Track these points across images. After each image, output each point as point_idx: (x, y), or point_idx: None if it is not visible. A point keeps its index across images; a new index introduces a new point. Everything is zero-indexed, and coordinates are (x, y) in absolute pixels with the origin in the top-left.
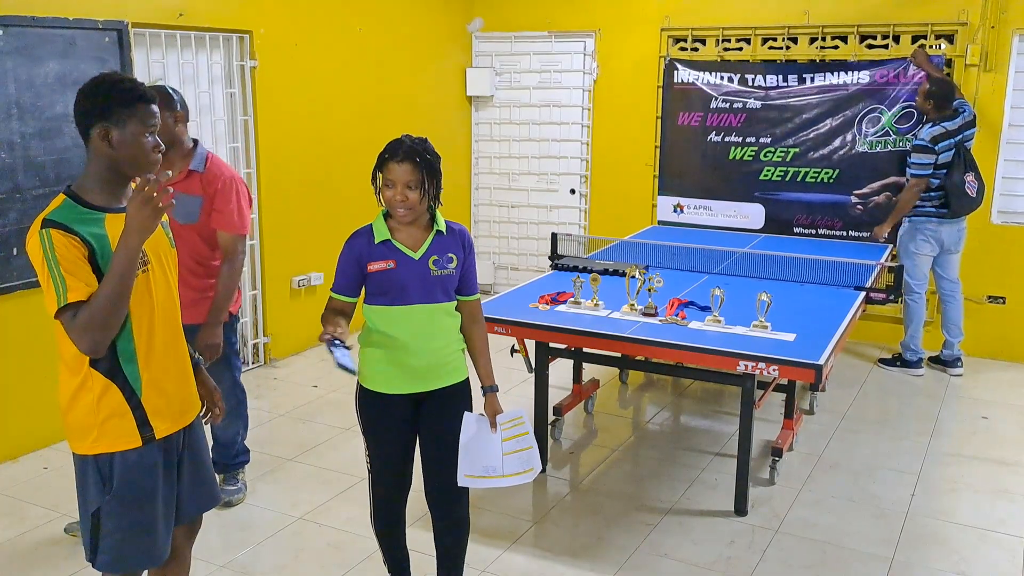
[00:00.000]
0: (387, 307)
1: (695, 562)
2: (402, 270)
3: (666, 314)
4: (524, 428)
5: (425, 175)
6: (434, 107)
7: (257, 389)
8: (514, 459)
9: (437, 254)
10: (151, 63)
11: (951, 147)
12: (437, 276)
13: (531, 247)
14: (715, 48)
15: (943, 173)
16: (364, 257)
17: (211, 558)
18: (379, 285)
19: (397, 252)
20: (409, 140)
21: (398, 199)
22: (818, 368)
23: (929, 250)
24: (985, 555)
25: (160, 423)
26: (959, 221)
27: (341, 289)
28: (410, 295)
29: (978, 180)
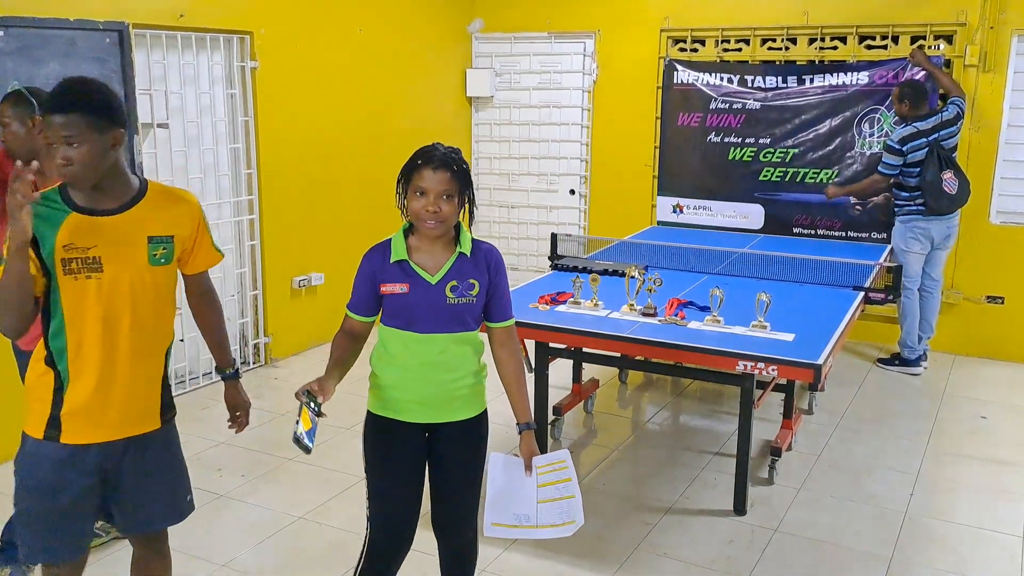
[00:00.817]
0: (400, 331)
1: (694, 561)
2: (415, 295)
3: (665, 314)
4: (567, 474)
5: (464, 187)
6: (434, 108)
7: (257, 389)
8: (551, 508)
9: (456, 279)
10: (152, 64)
11: (923, 147)
12: (454, 304)
13: (531, 247)
14: (714, 49)
15: (917, 172)
16: (378, 276)
17: (211, 557)
18: (391, 308)
19: (413, 275)
20: (443, 147)
21: (431, 210)
22: (817, 368)
23: (920, 248)
24: (984, 555)
25: (78, 426)
26: (949, 218)
27: (356, 307)
28: (421, 323)
29: (959, 177)
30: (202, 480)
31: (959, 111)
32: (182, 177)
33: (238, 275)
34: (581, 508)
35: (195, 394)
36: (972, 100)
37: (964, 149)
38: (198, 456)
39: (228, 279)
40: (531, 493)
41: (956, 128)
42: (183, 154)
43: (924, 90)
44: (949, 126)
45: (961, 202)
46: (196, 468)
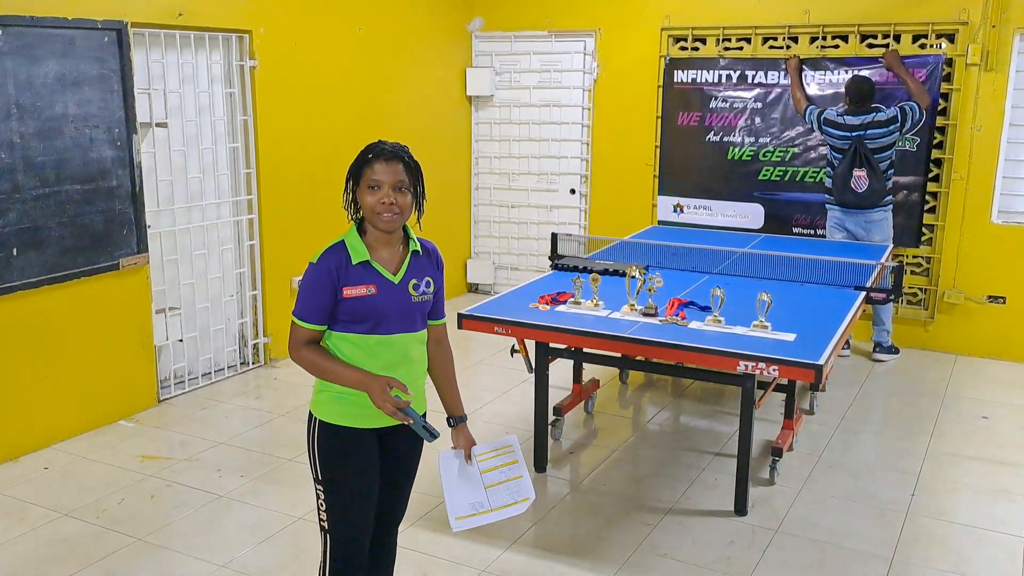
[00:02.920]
0: (363, 336)
1: (695, 562)
2: (383, 296)
3: (666, 314)
4: (513, 457)
5: (417, 178)
6: (434, 107)
7: (257, 389)
8: (500, 490)
9: (416, 277)
10: (150, 63)
11: (842, 139)
12: (418, 303)
13: (531, 247)
14: (715, 48)
15: (839, 159)
16: (340, 280)
17: (211, 558)
18: (355, 312)
19: (377, 276)
20: (392, 143)
21: (387, 203)
22: (818, 368)
23: (841, 236)
24: (985, 555)
25: None
26: (863, 213)
27: (313, 316)
28: (391, 324)
29: (873, 179)
30: (202, 481)
31: (897, 114)
32: (181, 177)
33: (237, 275)
34: (531, 486)
35: (194, 394)
36: (974, 99)
37: (965, 148)
38: (198, 456)
39: (227, 279)
40: (477, 480)
41: (887, 130)
42: (182, 153)
43: (866, 91)
44: (879, 127)
45: (870, 201)
46: (196, 468)
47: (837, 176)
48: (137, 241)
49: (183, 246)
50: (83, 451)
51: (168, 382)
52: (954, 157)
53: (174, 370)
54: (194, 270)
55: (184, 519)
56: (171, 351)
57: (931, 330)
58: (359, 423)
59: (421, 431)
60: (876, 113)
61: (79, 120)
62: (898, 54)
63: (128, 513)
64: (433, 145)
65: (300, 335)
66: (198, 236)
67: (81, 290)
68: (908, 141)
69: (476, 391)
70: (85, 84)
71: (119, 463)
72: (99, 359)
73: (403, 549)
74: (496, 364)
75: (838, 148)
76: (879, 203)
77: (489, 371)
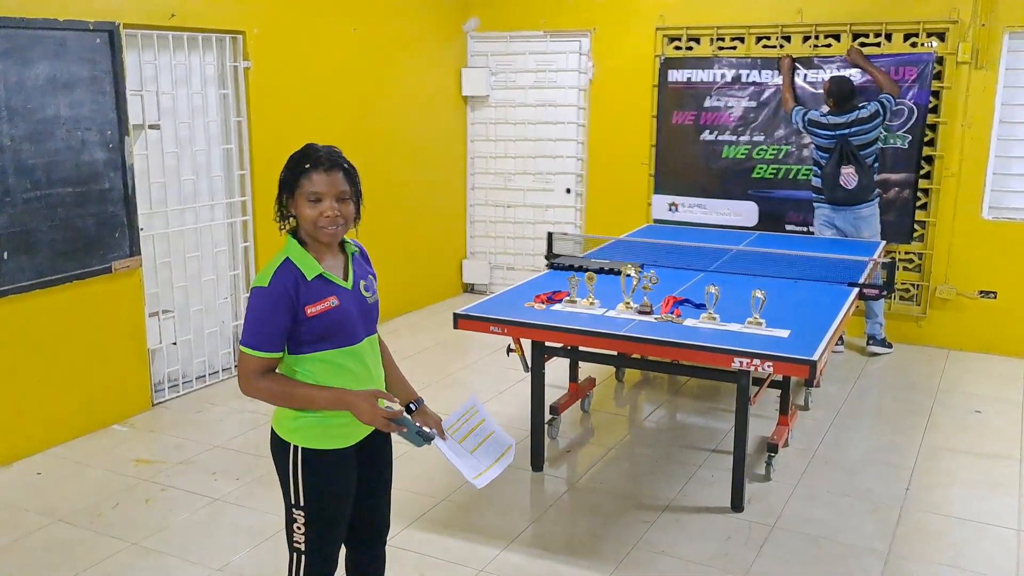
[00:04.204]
0: (331, 351)
1: (692, 558)
2: (345, 306)
3: (661, 312)
4: (479, 417)
5: (357, 186)
6: (430, 107)
7: None
8: (483, 451)
9: (362, 279)
10: (143, 64)
11: (828, 138)
12: (372, 303)
13: (527, 247)
14: (710, 47)
15: (826, 158)
16: (301, 299)
17: (207, 561)
18: (320, 330)
19: (333, 286)
20: (324, 147)
21: (330, 215)
22: (812, 364)
23: (831, 234)
24: (981, 548)
25: None
26: (852, 209)
27: (268, 344)
28: (356, 332)
29: (862, 174)
30: (197, 484)
31: (878, 109)
32: (174, 179)
33: (231, 277)
34: (506, 435)
35: (188, 398)
36: (965, 96)
37: (956, 145)
38: (193, 460)
39: (221, 281)
40: (463, 450)
41: (871, 126)
42: (175, 155)
43: (848, 90)
44: (863, 123)
45: (860, 198)
46: (191, 472)
47: (826, 174)
48: (130, 244)
49: (176, 248)
50: (77, 456)
51: (162, 385)
52: (945, 154)
53: (168, 373)
54: (187, 272)
55: (179, 523)
56: (165, 354)
57: (923, 325)
58: (342, 443)
59: (415, 438)
60: (859, 111)
61: (71, 122)
62: (860, 50)
63: (123, 517)
64: (429, 145)
65: (253, 366)
66: (191, 238)
67: (73, 294)
68: (899, 139)
69: (472, 391)
70: (77, 86)
71: (113, 467)
72: (92, 363)
73: (400, 550)
74: (492, 364)
75: (824, 147)
76: (868, 198)
77: (485, 371)
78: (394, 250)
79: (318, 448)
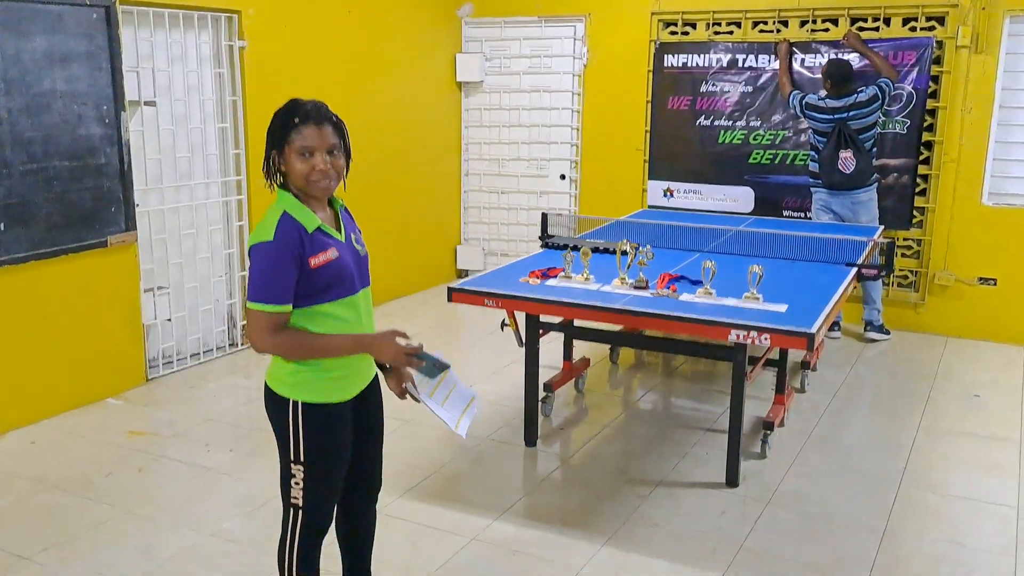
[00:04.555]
0: (332, 303)
1: (687, 532)
2: (344, 257)
3: (657, 287)
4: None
5: (346, 139)
6: (423, 92)
7: (246, 369)
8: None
9: (352, 232)
10: (139, 41)
11: (825, 122)
12: (364, 255)
13: (521, 233)
14: (705, 32)
15: (823, 142)
16: (305, 252)
17: (199, 528)
18: (322, 282)
19: (331, 239)
20: (310, 101)
21: (322, 169)
22: (810, 336)
23: (828, 218)
24: (978, 525)
25: None
26: (850, 194)
27: (278, 297)
28: (355, 282)
29: (860, 159)
30: (190, 455)
31: (877, 93)
32: (170, 156)
33: (226, 255)
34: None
35: (182, 374)
36: (964, 81)
37: (956, 130)
38: (186, 432)
39: (216, 260)
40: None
41: (869, 110)
42: (171, 133)
43: (845, 73)
44: (861, 107)
45: (858, 182)
46: (184, 443)
47: (823, 159)
48: (125, 219)
49: (172, 225)
50: (70, 427)
51: (156, 362)
52: (944, 140)
53: (162, 349)
54: (183, 250)
55: (172, 491)
56: (159, 330)
57: (922, 312)
58: (341, 396)
59: (432, 371)
60: (857, 95)
61: (67, 96)
62: (858, 34)
63: (115, 485)
64: (422, 131)
65: (268, 322)
66: (187, 216)
67: (69, 267)
68: (898, 123)
69: (466, 370)
70: (73, 60)
71: (106, 438)
72: (87, 336)
73: (392, 519)
74: (486, 346)
75: (822, 132)
76: (866, 183)
77: (479, 352)
78: (388, 235)
79: (319, 402)
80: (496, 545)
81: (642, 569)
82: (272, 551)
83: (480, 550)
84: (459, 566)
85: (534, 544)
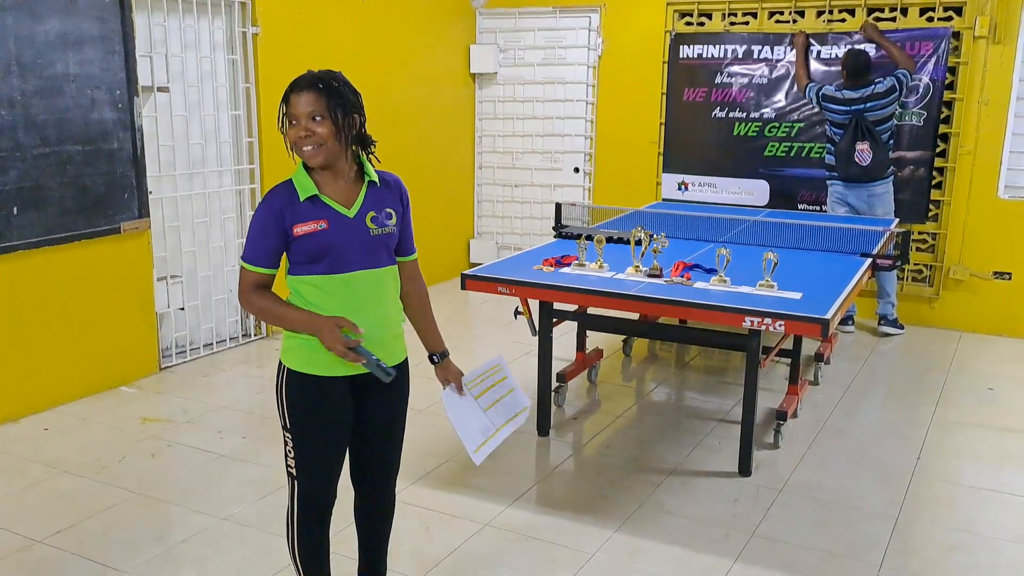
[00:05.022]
0: (321, 276)
1: (700, 518)
2: (336, 231)
3: (671, 275)
4: (501, 374)
5: (335, 105)
6: (437, 84)
7: (259, 359)
8: (497, 409)
9: (374, 209)
10: (152, 26)
11: (842, 113)
12: (378, 236)
13: (535, 226)
14: (721, 22)
15: (840, 134)
16: (288, 217)
17: (213, 512)
18: (308, 252)
19: (328, 210)
20: (315, 71)
21: (302, 135)
22: (825, 323)
23: (844, 211)
24: (991, 514)
25: None
26: (866, 187)
27: (260, 259)
28: (349, 260)
29: (877, 151)
30: (203, 441)
31: (895, 84)
32: (183, 143)
33: (239, 245)
34: (524, 395)
35: (196, 363)
36: (982, 72)
37: (972, 122)
38: (199, 419)
39: (229, 248)
40: (476, 407)
41: (887, 101)
42: (183, 119)
43: (863, 64)
44: (879, 99)
45: (876, 175)
46: (197, 430)
47: (840, 151)
48: (139, 205)
49: (185, 213)
50: (83, 413)
51: (169, 351)
52: (961, 131)
53: (175, 339)
54: (196, 238)
55: (185, 476)
56: (172, 319)
57: (936, 307)
58: (330, 371)
59: (376, 370)
60: (875, 86)
61: (80, 80)
62: (876, 25)
63: (128, 470)
64: (436, 122)
65: (249, 279)
66: (200, 204)
67: (82, 252)
68: (915, 115)
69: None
70: (87, 44)
71: (119, 425)
72: (100, 323)
73: (406, 505)
74: (499, 337)
75: (838, 123)
76: (882, 175)
77: (492, 343)
78: None
79: (303, 371)
80: (509, 531)
81: (655, 554)
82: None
83: (493, 536)
84: (472, 551)
85: (547, 530)
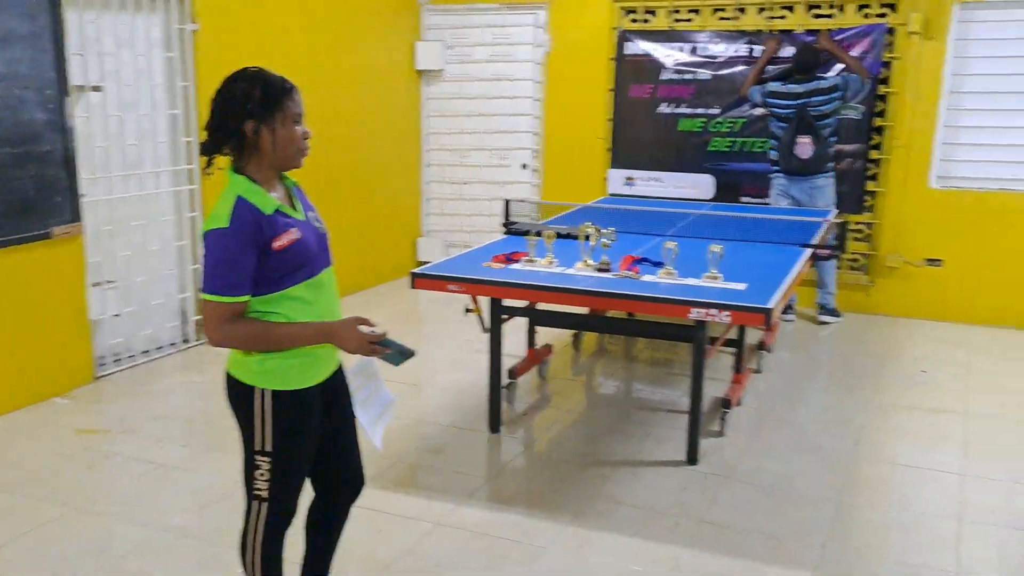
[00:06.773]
0: (301, 286)
1: (650, 508)
2: (306, 236)
3: (620, 269)
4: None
5: None
6: (382, 81)
7: (200, 365)
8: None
9: (308, 209)
10: (84, 24)
11: (787, 107)
12: (323, 233)
13: (483, 224)
14: (666, 19)
15: (784, 128)
16: (265, 235)
17: (152, 523)
18: (288, 263)
19: (290, 218)
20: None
21: (310, 134)
22: (768, 312)
23: (786, 203)
24: (925, 492)
25: None
26: (807, 179)
27: (241, 287)
28: (316, 263)
29: (818, 145)
30: (142, 451)
31: (838, 83)
32: (117, 144)
33: (177, 248)
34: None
35: (133, 371)
36: (915, 67)
37: (906, 116)
38: (137, 429)
39: (167, 252)
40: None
41: (830, 97)
42: (119, 119)
43: (812, 59)
44: (823, 94)
45: (816, 168)
46: (135, 440)
47: (782, 144)
48: (71, 209)
49: (120, 216)
50: (14, 427)
51: (105, 359)
52: (895, 125)
53: (111, 347)
54: (131, 242)
55: (123, 487)
56: (108, 326)
57: (872, 294)
58: (311, 381)
59: (397, 358)
60: (820, 81)
61: (8, 79)
62: (830, 37)
63: (64, 484)
64: (381, 120)
65: (224, 313)
66: (136, 206)
67: (10, 259)
68: (852, 109)
69: (430, 361)
70: (14, 42)
71: (54, 437)
72: (31, 332)
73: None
74: (448, 337)
75: (783, 117)
76: (823, 169)
77: (442, 342)
78: (346, 228)
79: (287, 389)
80: (461, 529)
81: (606, 545)
82: (229, 544)
83: (445, 535)
84: (424, 551)
85: (499, 526)
